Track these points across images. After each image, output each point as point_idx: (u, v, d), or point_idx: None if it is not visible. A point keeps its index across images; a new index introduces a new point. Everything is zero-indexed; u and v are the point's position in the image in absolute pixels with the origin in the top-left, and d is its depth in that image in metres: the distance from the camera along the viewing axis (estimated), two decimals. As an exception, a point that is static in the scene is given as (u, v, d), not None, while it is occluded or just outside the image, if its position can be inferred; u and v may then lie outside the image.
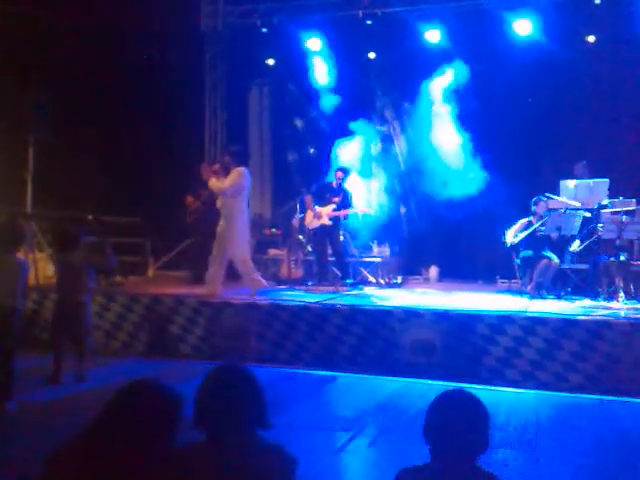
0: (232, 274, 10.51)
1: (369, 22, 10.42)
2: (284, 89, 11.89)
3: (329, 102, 10.94)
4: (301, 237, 10.64)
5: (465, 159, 9.14)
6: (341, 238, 9.90)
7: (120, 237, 10.04)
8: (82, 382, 6.29)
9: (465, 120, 9.61)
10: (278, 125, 12.26)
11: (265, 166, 12.62)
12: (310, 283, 9.86)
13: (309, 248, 10.69)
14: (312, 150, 11.39)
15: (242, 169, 8.05)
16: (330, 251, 9.72)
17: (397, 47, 10.40)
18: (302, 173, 10.55)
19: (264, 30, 11.00)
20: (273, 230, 11.47)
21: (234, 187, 7.96)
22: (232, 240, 8.04)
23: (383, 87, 10.72)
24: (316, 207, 9.49)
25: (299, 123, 11.59)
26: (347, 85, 10.97)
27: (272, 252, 11.05)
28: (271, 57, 11.60)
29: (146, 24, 10.86)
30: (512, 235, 8.69)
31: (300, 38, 10.97)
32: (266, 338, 7.56)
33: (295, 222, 10.61)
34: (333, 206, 9.42)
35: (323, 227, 9.44)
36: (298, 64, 11.22)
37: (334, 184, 9.59)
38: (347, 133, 10.67)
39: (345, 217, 9.68)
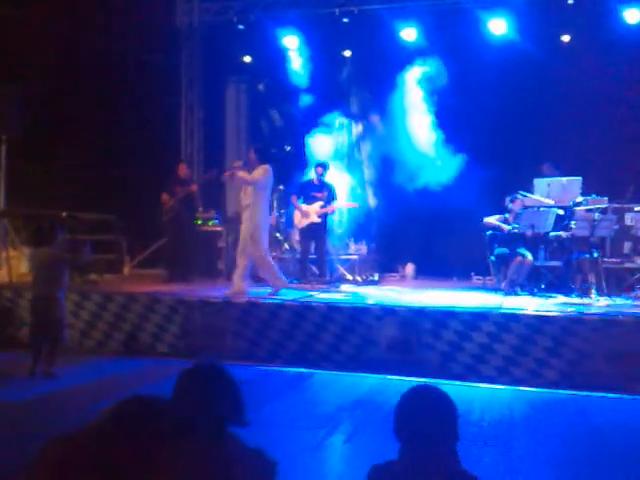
0: (212, 272, 10.55)
1: (345, 20, 10.43)
2: (261, 86, 11.85)
3: (306, 99, 10.95)
4: (278, 235, 10.62)
5: (439, 156, 9.19)
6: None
7: (95, 235, 9.96)
8: (52, 379, 6.24)
9: (440, 118, 9.66)
10: (255, 122, 12.22)
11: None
12: (287, 281, 9.84)
13: (286, 246, 10.68)
14: (288, 148, 11.37)
15: (268, 166, 8.05)
16: (312, 249, 9.75)
17: (373, 45, 10.42)
18: (279, 170, 10.51)
19: (240, 27, 10.95)
20: (250, 228, 11.41)
21: (263, 182, 7.96)
22: (254, 238, 8.06)
23: (359, 84, 10.75)
24: (302, 205, 9.49)
25: (276, 120, 11.57)
26: (323, 82, 10.97)
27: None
28: (248, 54, 11.55)
29: (121, 21, 10.77)
30: (491, 220, 8.81)
31: (277, 35, 10.94)
32: (243, 336, 7.56)
33: (272, 220, 10.58)
34: (320, 203, 9.44)
35: (312, 225, 9.46)
36: (275, 61, 11.19)
37: (315, 180, 9.60)
38: (323, 129, 10.67)
39: (333, 212, 9.73)
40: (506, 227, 8.71)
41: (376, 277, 10.48)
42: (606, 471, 4.32)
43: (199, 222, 10.80)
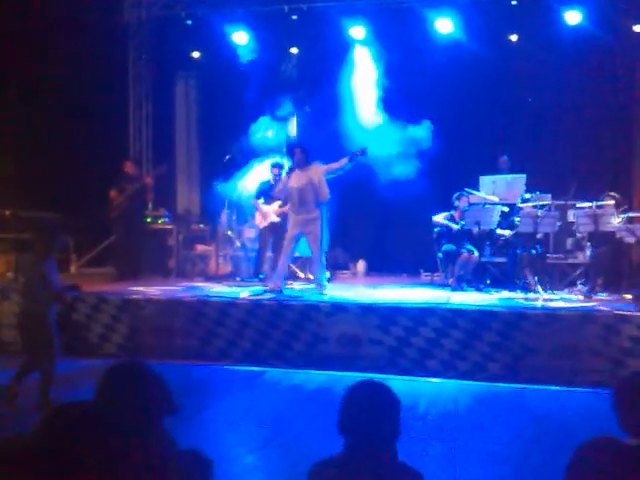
0: (162, 271, 10.42)
1: (294, 17, 10.42)
2: (211, 82, 11.75)
3: (255, 95, 10.90)
4: (229, 233, 10.58)
5: (388, 154, 9.27)
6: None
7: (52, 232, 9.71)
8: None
9: (388, 117, 9.76)
10: (205, 118, 12.12)
11: (192, 160, 12.46)
12: (238, 279, 9.84)
13: (238, 243, 10.65)
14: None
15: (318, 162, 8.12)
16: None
17: (322, 42, 10.44)
18: (230, 167, 10.45)
19: (189, 22, 10.82)
20: (201, 226, 11.33)
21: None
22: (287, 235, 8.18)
23: (308, 81, 10.74)
24: (262, 206, 9.52)
25: (226, 116, 11.47)
26: (273, 78, 10.95)
27: (200, 248, 10.93)
28: (197, 49, 11.43)
29: (66, 14, 10.52)
30: (439, 219, 8.97)
31: (226, 31, 10.85)
32: (193, 335, 7.50)
33: (223, 217, 10.54)
34: (279, 202, 9.47)
35: (272, 225, 9.49)
36: (225, 57, 11.10)
37: (272, 181, 9.64)
38: (273, 125, 10.67)
39: None
40: (455, 226, 8.87)
41: (328, 274, 10.52)
42: (549, 463, 4.44)
43: (149, 220, 10.67)
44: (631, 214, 8.52)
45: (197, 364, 7.10)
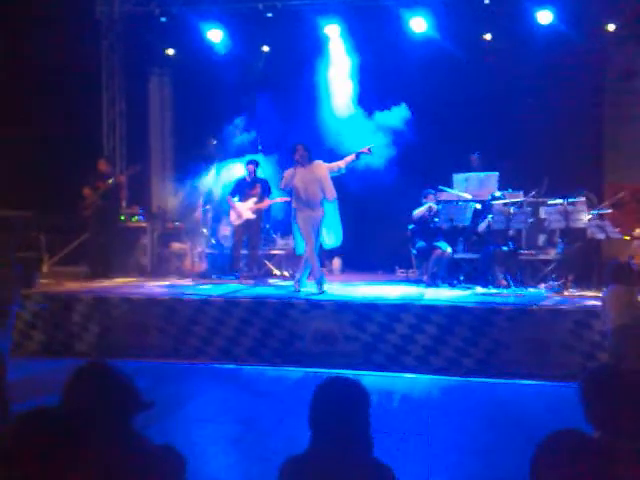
0: (136, 269, 10.35)
1: (269, 14, 10.41)
2: (186, 79, 11.68)
3: (230, 93, 10.88)
4: (205, 230, 10.55)
5: (359, 155, 9.31)
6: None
7: (11, 232, 9.60)
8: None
9: (362, 115, 9.79)
10: (180, 115, 12.05)
11: (167, 157, 12.38)
12: (214, 276, 9.82)
13: (213, 241, 10.62)
14: (213, 141, 11.26)
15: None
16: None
17: (297, 40, 10.45)
18: (207, 164, 10.41)
19: (163, 19, 10.74)
20: (176, 223, 11.27)
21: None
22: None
23: (282, 78, 10.73)
24: (237, 204, 9.49)
25: (201, 113, 11.42)
26: (249, 76, 10.94)
27: (175, 245, 10.87)
28: (171, 47, 11.37)
29: (38, 10, 10.39)
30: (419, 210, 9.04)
31: (200, 28, 10.81)
32: (167, 333, 7.48)
33: (198, 215, 10.49)
34: (254, 199, 9.46)
35: (247, 221, 9.47)
36: (199, 54, 11.06)
37: (248, 178, 9.63)
38: (248, 123, 10.66)
39: (267, 207, 9.80)
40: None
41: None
42: (519, 455, 4.50)
43: (123, 218, 10.60)
44: (601, 211, 8.66)
45: (172, 362, 7.08)
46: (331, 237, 8.23)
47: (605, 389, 2.43)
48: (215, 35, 10.85)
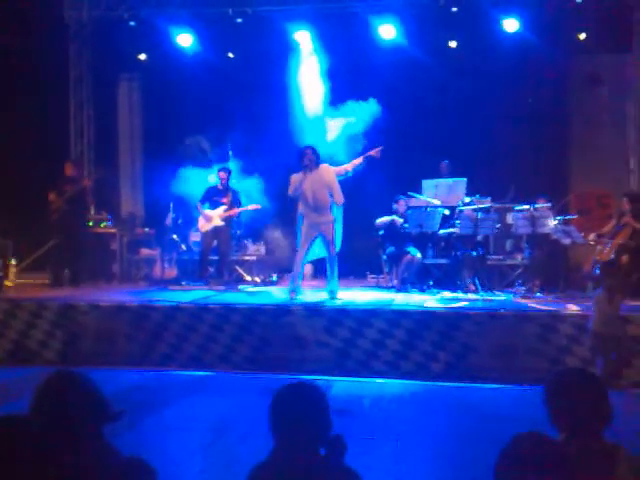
0: (105, 275, 10.24)
1: (239, 20, 10.40)
2: (155, 84, 11.62)
3: (200, 98, 10.85)
4: (175, 236, 10.49)
5: (333, 159, 9.34)
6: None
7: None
8: None
9: (332, 119, 9.83)
10: (150, 120, 11.97)
11: (137, 163, 12.29)
12: (184, 282, 9.77)
13: (183, 247, 10.57)
14: (187, 141, 11.21)
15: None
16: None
17: (266, 45, 10.45)
18: (177, 170, 10.35)
19: (132, 24, 10.67)
20: (146, 229, 11.20)
21: None
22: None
23: (252, 84, 10.73)
24: (206, 210, 9.45)
25: (170, 118, 11.36)
26: (219, 81, 10.91)
27: (144, 252, 10.79)
28: (141, 51, 11.28)
29: (4, 13, 10.25)
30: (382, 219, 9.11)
31: (170, 33, 10.76)
32: (136, 340, 7.41)
33: (168, 221, 10.44)
34: (224, 207, 9.44)
35: (215, 228, 9.43)
36: (169, 59, 11.00)
37: (219, 186, 9.60)
38: (218, 129, 10.64)
39: (238, 215, 9.77)
40: (399, 220, 9.01)
41: (274, 278, 10.55)
42: (486, 458, 4.56)
43: (91, 224, 10.48)
44: (567, 216, 8.83)
45: (141, 369, 7.02)
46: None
47: (568, 392, 2.49)
48: (185, 40, 10.81)
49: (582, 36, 9.94)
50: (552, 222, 8.34)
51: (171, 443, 4.50)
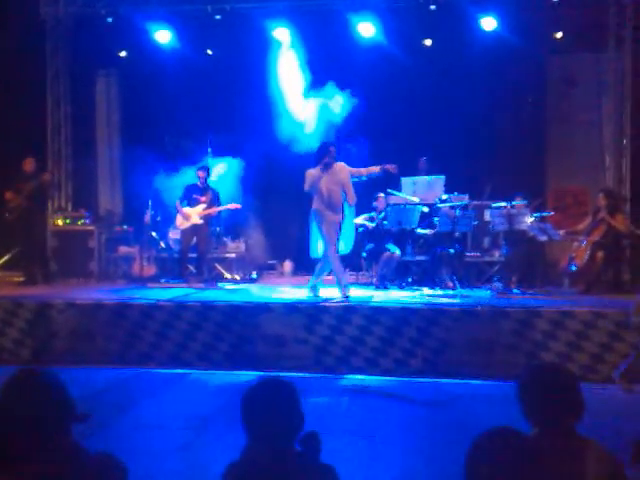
0: (84, 273, 10.15)
1: (218, 17, 10.36)
2: (133, 80, 11.53)
3: (178, 94, 10.79)
4: (154, 234, 10.44)
5: (312, 157, 9.35)
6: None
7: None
8: None
9: (311, 119, 9.84)
10: (128, 117, 11.88)
11: (115, 160, 12.18)
12: (163, 280, 9.74)
13: (162, 245, 10.52)
14: (167, 139, 11.16)
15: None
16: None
17: (246, 42, 10.42)
18: (155, 167, 10.30)
19: (109, 20, 10.57)
20: (124, 227, 11.13)
21: None
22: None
23: (230, 80, 10.70)
24: (184, 209, 9.41)
25: (149, 115, 11.28)
26: (198, 78, 10.86)
27: (123, 249, 10.73)
28: (119, 48, 11.18)
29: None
30: (358, 220, 9.13)
31: (148, 29, 10.68)
32: (114, 338, 7.37)
33: (147, 218, 10.38)
34: (203, 205, 9.42)
35: (194, 226, 9.40)
36: (147, 56, 10.92)
37: (198, 184, 9.57)
38: (197, 126, 10.61)
39: (217, 214, 9.76)
40: (370, 224, 9.07)
41: (254, 275, 10.55)
42: (462, 454, 4.59)
43: (68, 221, 10.40)
44: (543, 214, 8.93)
45: (119, 368, 6.98)
46: (341, 243, 8.18)
47: (540, 387, 2.52)
48: (163, 36, 10.74)
49: (558, 35, 10.05)
50: (529, 219, 8.43)
51: (148, 441, 4.48)
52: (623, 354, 6.47)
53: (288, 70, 10.09)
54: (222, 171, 10.44)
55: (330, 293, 8.02)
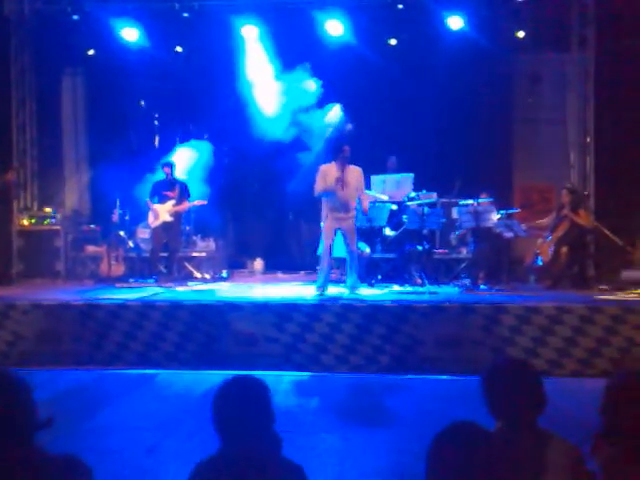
0: (50, 273, 10.01)
1: (186, 14, 10.29)
2: (100, 79, 11.39)
3: (146, 93, 10.71)
4: (122, 233, 10.34)
5: (285, 156, 9.39)
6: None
7: None
8: None
9: (278, 118, 9.85)
10: (95, 116, 11.73)
11: (81, 159, 12.02)
12: (132, 280, 9.65)
13: (131, 244, 10.43)
14: (134, 137, 11.07)
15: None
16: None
17: (213, 40, 10.38)
18: (122, 165, 10.19)
19: (75, 17, 10.42)
20: (92, 226, 11.00)
21: None
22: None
23: (199, 79, 10.64)
24: (155, 205, 9.33)
25: (116, 113, 11.16)
26: (166, 76, 10.78)
27: (90, 249, 10.61)
28: (85, 46, 11.02)
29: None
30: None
31: (115, 27, 10.54)
32: (82, 339, 7.28)
33: (115, 217, 10.28)
34: (172, 201, 9.34)
35: (164, 224, 9.31)
36: (114, 53, 10.78)
37: (166, 179, 9.50)
38: (163, 123, 10.54)
39: (185, 210, 9.68)
40: None
41: (225, 273, 10.52)
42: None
43: (33, 221, 10.25)
44: (509, 210, 9.05)
45: (88, 369, 6.90)
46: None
47: (503, 381, 2.57)
48: (130, 34, 10.61)
49: (521, 34, 10.18)
50: (495, 216, 8.54)
51: (115, 443, 4.44)
52: (589, 348, 6.61)
53: (256, 67, 10.07)
54: (189, 166, 10.38)
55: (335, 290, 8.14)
